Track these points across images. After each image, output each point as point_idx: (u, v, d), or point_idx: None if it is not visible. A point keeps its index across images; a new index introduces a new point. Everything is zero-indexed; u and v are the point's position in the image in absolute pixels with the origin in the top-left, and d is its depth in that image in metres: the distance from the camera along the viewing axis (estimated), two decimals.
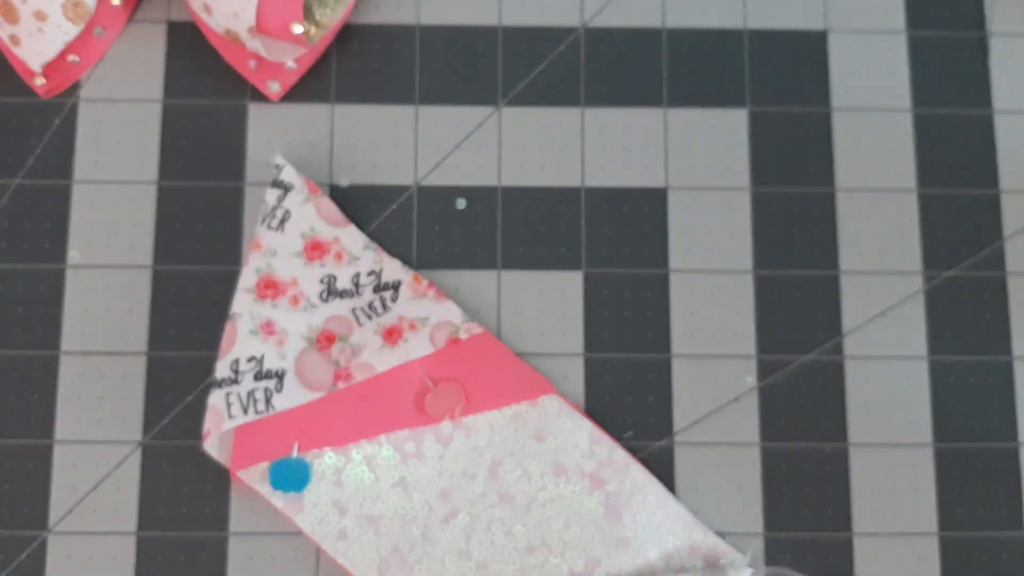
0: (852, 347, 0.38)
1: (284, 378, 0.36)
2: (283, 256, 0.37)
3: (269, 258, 0.37)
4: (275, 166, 0.37)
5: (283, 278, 0.37)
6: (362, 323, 0.37)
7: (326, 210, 0.37)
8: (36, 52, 0.38)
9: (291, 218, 0.37)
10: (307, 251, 0.37)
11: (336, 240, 0.37)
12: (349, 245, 0.37)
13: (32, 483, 0.37)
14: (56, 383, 0.38)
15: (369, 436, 0.36)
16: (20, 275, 0.38)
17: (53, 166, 0.39)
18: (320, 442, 0.36)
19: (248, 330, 0.36)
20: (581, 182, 0.39)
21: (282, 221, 0.37)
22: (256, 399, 0.36)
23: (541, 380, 0.37)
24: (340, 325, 0.37)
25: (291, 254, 0.37)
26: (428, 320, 0.37)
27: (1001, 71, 0.40)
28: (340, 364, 0.37)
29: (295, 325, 0.37)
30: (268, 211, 0.37)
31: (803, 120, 0.40)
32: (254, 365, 0.36)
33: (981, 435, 0.38)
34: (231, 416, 0.36)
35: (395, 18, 0.40)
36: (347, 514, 0.36)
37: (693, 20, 0.41)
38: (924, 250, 0.39)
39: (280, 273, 0.37)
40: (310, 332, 0.37)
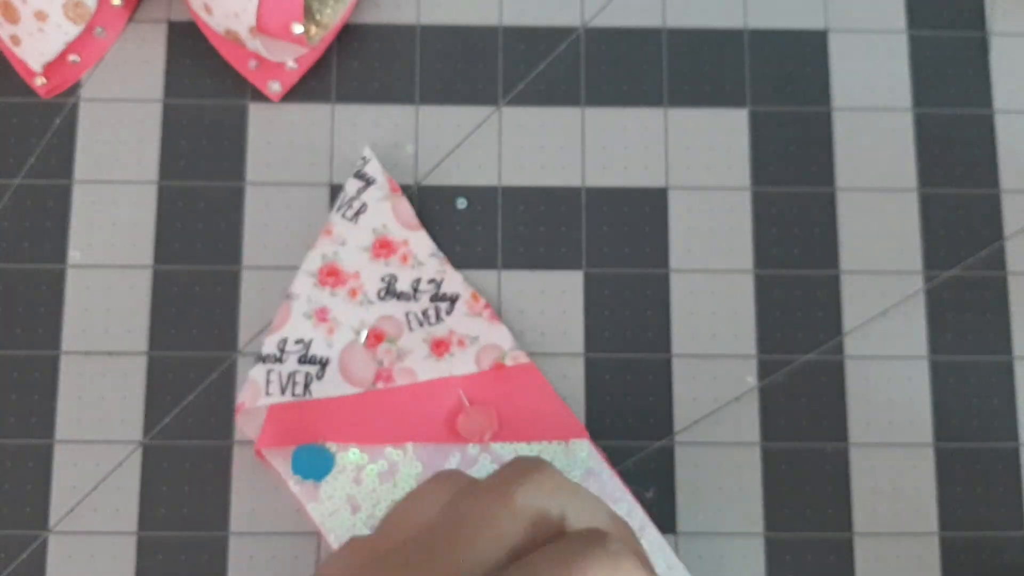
0: (852, 347, 0.38)
1: (327, 367, 0.36)
2: (351, 247, 0.37)
3: (337, 246, 0.37)
4: (362, 158, 0.37)
5: (346, 269, 0.37)
6: (413, 328, 0.37)
7: (402, 211, 0.37)
8: (37, 52, 0.38)
9: (366, 212, 0.37)
10: (375, 247, 0.37)
11: (405, 242, 0.37)
12: (417, 249, 0.37)
13: (32, 483, 0.37)
14: (56, 383, 0.38)
15: (397, 442, 0.36)
16: (20, 275, 0.38)
17: (53, 166, 0.39)
18: (348, 437, 0.36)
19: (303, 312, 0.36)
20: (582, 182, 0.39)
21: (357, 213, 0.37)
22: (296, 382, 0.36)
23: (576, 423, 0.37)
24: (391, 326, 0.37)
25: (359, 247, 0.37)
26: (477, 340, 0.37)
27: (1002, 71, 0.40)
28: (383, 364, 0.36)
29: (348, 317, 0.36)
30: (346, 200, 0.37)
31: (804, 120, 0.40)
32: (301, 348, 0.36)
33: (982, 435, 0.38)
34: (268, 393, 0.36)
35: (395, 18, 0.40)
36: (359, 512, 0.36)
37: (693, 20, 0.41)
38: (925, 250, 0.39)
39: (345, 263, 0.37)
40: (361, 327, 0.36)
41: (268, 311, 0.38)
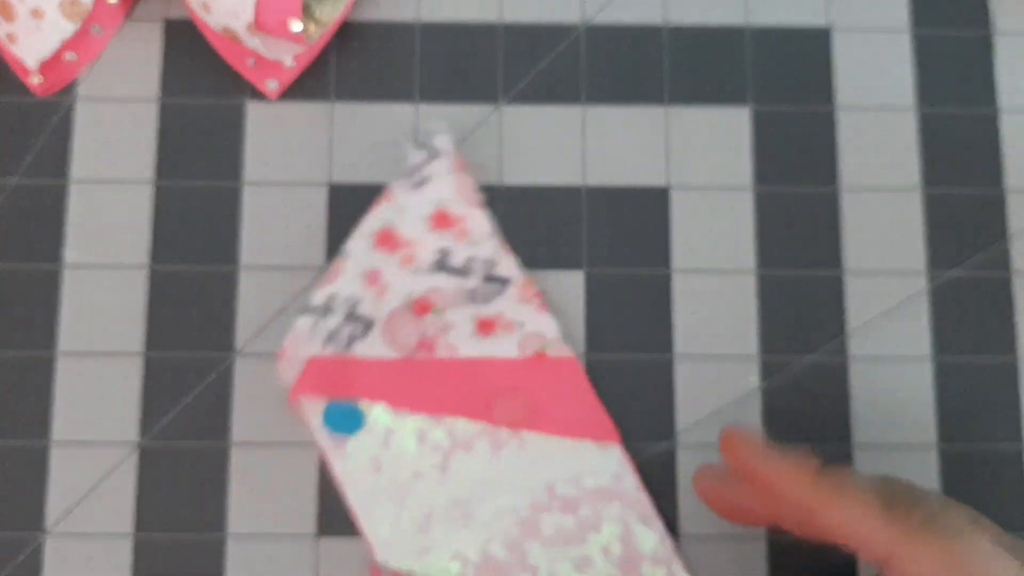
0: (856, 347, 0.38)
1: (372, 328, 0.36)
2: (410, 216, 0.36)
3: (397, 213, 0.36)
4: (434, 133, 0.37)
5: (403, 236, 0.36)
6: (461, 304, 0.36)
7: (465, 187, 0.37)
8: (33, 50, 0.38)
9: (429, 183, 0.36)
10: (434, 219, 0.36)
11: (464, 218, 0.37)
12: (474, 227, 0.37)
13: (29, 484, 0.37)
14: (52, 383, 0.37)
15: (429, 411, 0.36)
16: (16, 275, 0.38)
17: (49, 165, 0.39)
18: (382, 398, 0.36)
19: (355, 272, 0.36)
20: (582, 180, 0.39)
21: (419, 184, 0.36)
22: (339, 338, 0.36)
23: (610, 426, 0.36)
24: (440, 298, 0.36)
25: (418, 216, 0.36)
26: (524, 326, 0.36)
27: (1006, 69, 0.40)
28: (427, 334, 0.36)
29: (399, 283, 0.36)
30: (410, 169, 0.36)
31: (806, 118, 0.40)
32: (348, 305, 0.36)
33: (986, 436, 0.38)
34: (310, 343, 0.36)
35: (395, 15, 0.40)
36: (380, 473, 0.36)
37: (695, 17, 0.40)
38: (928, 249, 0.39)
39: (402, 230, 0.36)
40: (410, 294, 0.36)
41: (266, 311, 0.38)
